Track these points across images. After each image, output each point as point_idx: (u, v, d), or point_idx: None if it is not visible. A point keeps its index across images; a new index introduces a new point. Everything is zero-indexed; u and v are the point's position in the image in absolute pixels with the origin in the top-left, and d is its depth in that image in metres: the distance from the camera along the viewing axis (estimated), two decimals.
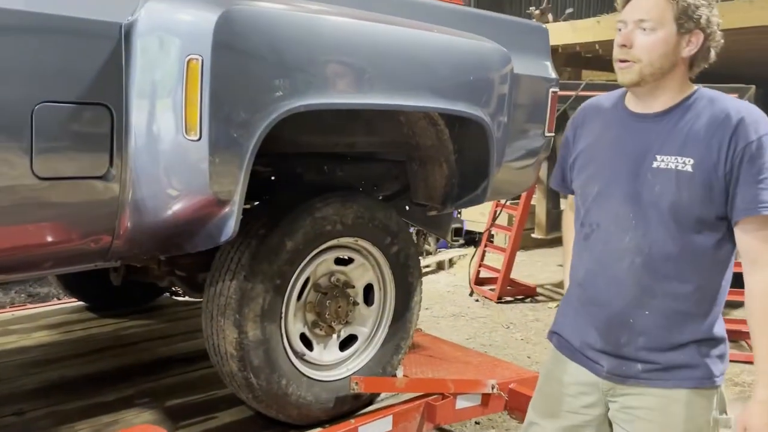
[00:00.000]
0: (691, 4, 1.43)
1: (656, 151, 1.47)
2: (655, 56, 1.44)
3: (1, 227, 1.55)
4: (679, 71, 1.48)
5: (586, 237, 1.60)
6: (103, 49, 1.60)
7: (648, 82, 1.47)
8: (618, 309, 1.52)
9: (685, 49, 1.45)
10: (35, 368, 2.69)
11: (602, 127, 1.60)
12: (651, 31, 1.44)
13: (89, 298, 3.47)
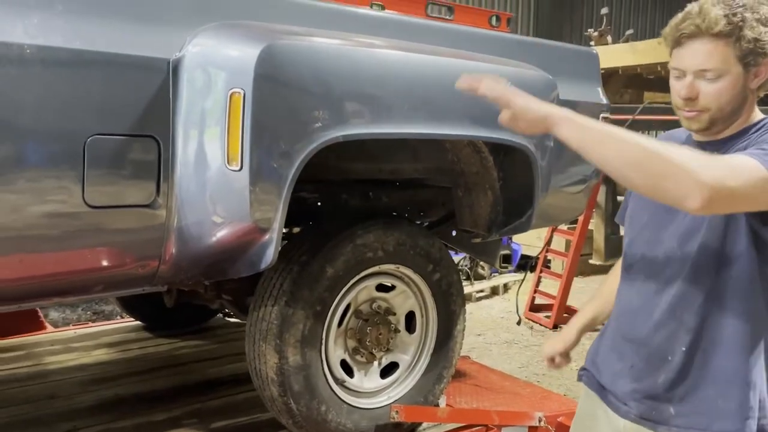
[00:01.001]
0: (754, 39, 1.29)
1: None
2: (724, 102, 1.34)
3: (55, 253, 1.64)
4: (748, 102, 1.38)
5: (629, 268, 1.52)
6: (152, 84, 1.68)
7: (719, 125, 1.38)
8: (655, 345, 1.43)
9: (753, 81, 1.34)
10: (92, 386, 2.80)
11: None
12: (716, 78, 1.32)
13: (146, 317, 3.59)
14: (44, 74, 1.53)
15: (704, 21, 1.28)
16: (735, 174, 1.16)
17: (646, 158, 1.16)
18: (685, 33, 1.30)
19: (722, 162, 1.20)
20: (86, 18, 1.59)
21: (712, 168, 1.15)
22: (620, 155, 1.17)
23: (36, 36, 1.50)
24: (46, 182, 1.57)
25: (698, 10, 1.30)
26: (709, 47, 1.30)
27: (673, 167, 1.14)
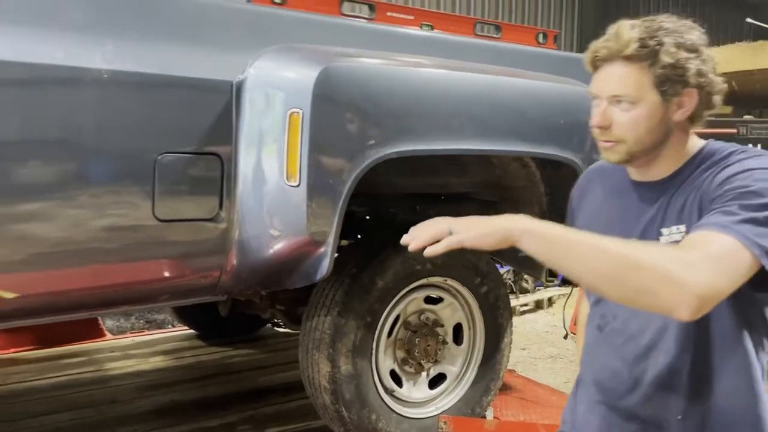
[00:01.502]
0: (670, 65, 1.17)
1: (659, 225, 1.23)
2: (641, 133, 1.21)
3: (127, 264, 1.74)
4: (676, 136, 1.24)
5: (600, 328, 1.33)
6: (217, 105, 1.78)
7: (640, 158, 1.24)
8: (646, 416, 1.26)
9: (677, 113, 1.21)
10: (150, 391, 2.93)
11: (603, 198, 1.36)
12: (629, 106, 1.20)
13: (199, 326, 3.72)
14: (118, 96, 1.65)
15: (617, 43, 1.17)
16: (720, 268, 1.02)
17: (620, 271, 1.03)
18: (599, 56, 1.19)
19: (701, 252, 1.03)
20: (157, 44, 1.70)
21: (695, 269, 1.00)
22: (591, 269, 1.04)
23: (112, 61, 1.62)
24: (119, 197, 1.69)
25: (614, 31, 1.19)
26: (623, 71, 1.18)
27: (652, 278, 1.01)
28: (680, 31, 1.19)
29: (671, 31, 1.18)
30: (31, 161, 1.57)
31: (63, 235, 1.62)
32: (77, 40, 1.59)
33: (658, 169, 1.26)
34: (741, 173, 1.12)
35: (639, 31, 1.17)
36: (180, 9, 1.77)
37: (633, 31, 1.17)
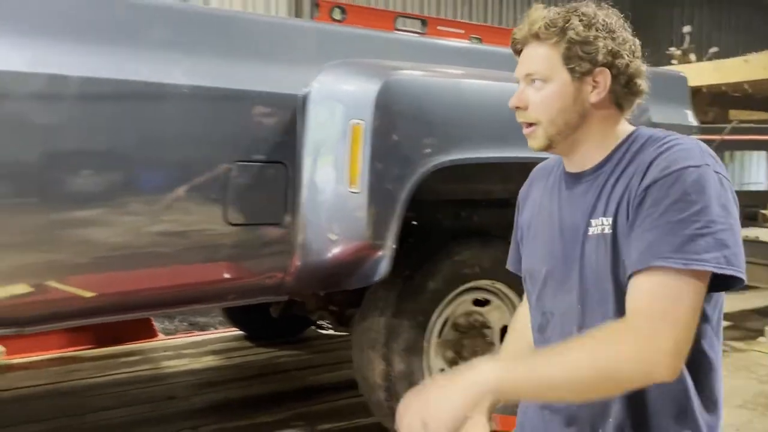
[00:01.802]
0: (578, 42, 1.16)
1: (589, 215, 1.20)
2: (554, 113, 1.19)
3: (199, 264, 1.87)
4: (595, 120, 1.21)
5: (542, 329, 1.30)
6: (284, 116, 1.90)
7: (560, 143, 1.22)
8: (583, 418, 1.21)
9: (591, 94, 1.18)
10: (204, 389, 3.06)
11: (543, 194, 1.33)
12: (542, 84, 1.19)
13: (247, 328, 3.85)
14: (196, 109, 1.78)
15: (528, 24, 1.19)
16: (677, 318, 1.01)
17: (596, 381, 1.02)
18: (516, 39, 1.21)
19: (653, 314, 1.01)
20: (230, 60, 1.83)
21: (656, 340, 1.00)
22: (571, 391, 1.05)
23: (192, 77, 1.75)
24: (194, 203, 1.82)
25: (527, 14, 1.21)
26: (535, 51, 1.19)
27: (627, 372, 1.01)
28: (592, 13, 1.18)
29: (583, 13, 1.18)
30: (116, 169, 1.71)
31: (143, 239, 1.75)
32: (161, 58, 1.72)
33: (585, 158, 1.23)
34: (668, 175, 1.07)
35: (549, 11, 1.18)
36: (250, 28, 1.90)
37: (543, 11, 1.18)
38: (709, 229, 1.03)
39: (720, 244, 1.03)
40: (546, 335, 1.26)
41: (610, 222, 1.14)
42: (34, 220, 1.59)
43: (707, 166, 1.08)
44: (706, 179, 1.06)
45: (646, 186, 1.08)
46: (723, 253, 1.02)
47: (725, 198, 1.07)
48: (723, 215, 1.05)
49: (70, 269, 1.68)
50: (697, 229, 1.02)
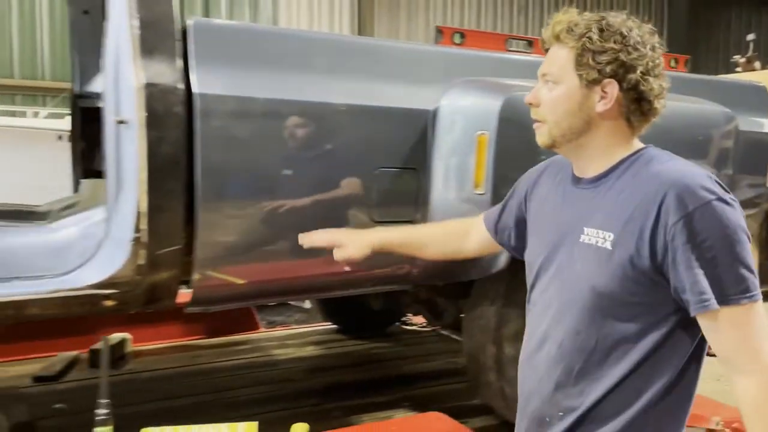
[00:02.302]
0: (590, 50, 1.16)
1: (584, 223, 1.22)
2: (559, 115, 1.21)
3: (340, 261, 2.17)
4: (602, 130, 1.21)
5: (528, 314, 1.39)
6: (417, 129, 2.20)
7: (562, 144, 1.24)
8: (535, 405, 1.29)
9: (598, 103, 1.19)
10: (314, 374, 3.38)
11: (549, 189, 1.37)
12: (554, 85, 1.21)
13: (341, 322, 4.16)
14: (348, 123, 2.09)
15: (552, 25, 1.22)
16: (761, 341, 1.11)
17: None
18: (544, 40, 1.24)
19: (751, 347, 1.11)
20: (375, 82, 2.14)
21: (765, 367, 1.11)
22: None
23: (347, 97, 2.06)
24: (346, 203, 2.12)
25: (556, 16, 1.23)
26: (554, 52, 1.21)
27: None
28: (616, 25, 1.17)
29: (608, 23, 1.18)
30: (291, 172, 2.02)
31: (293, 235, 2.06)
32: (322, 81, 2.04)
33: (588, 165, 1.25)
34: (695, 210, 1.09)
35: (578, 19, 1.19)
36: (391, 54, 2.20)
37: (571, 15, 1.20)
38: (739, 259, 1.09)
39: (747, 274, 1.10)
40: (528, 322, 1.37)
41: (611, 238, 1.15)
42: (238, 217, 1.93)
43: (721, 196, 1.11)
44: (723, 211, 1.10)
45: (673, 224, 1.09)
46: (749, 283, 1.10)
47: (741, 222, 1.12)
48: (742, 241, 1.10)
49: (253, 258, 2.01)
50: (740, 265, 1.09)
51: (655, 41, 1.20)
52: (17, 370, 3.25)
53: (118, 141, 1.81)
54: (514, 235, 1.49)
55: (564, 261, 1.24)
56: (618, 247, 1.15)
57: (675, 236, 1.10)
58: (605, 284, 1.17)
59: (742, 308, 1.10)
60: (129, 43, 1.77)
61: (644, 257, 1.12)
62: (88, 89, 3.36)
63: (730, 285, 1.10)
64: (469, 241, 1.63)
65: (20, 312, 1.73)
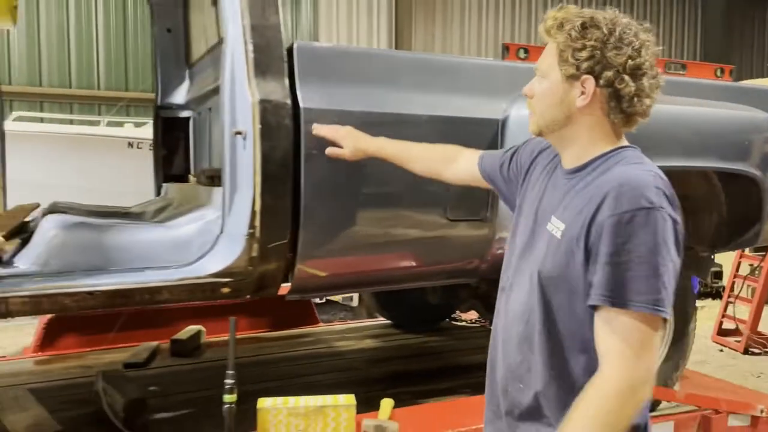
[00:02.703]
0: (569, 45, 1.21)
1: (553, 212, 1.30)
2: (544, 107, 1.28)
3: (429, 251, 2.41)
4: (582, 125, 1.26)
5: (501, 291, 1.46)
6: (489, 135, 2.42)
7: (548, 134, 1.32)
8: (500, 375, 1.39)
9: (578, 98, 1.23)
10: (377, 364, 3.62)
11: (540, 174, 1.43)
12: (542, 79, 1.28)
13: (395, 317, 4.40)
14: (429, 132, 2.31)
15: (545, 22, 1.27)
16: (647, 352, 1.16)
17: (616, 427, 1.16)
18: (540, 34, 1.31)
19: (631, 356, 1.15)
20: (452, 95, 2.38)
21: (641, 375, 1.15)
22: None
23: (428, 108, 2.30)
24: (425, 203, 2.36)
25: (550, 14, 1.29)
26: (547, 48, 1.27)
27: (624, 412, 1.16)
28: (601, 22, 1.20)
29: (592, 18, 1.20)
30: (375, 178, 2.27)
31: (399, 231, 2.31)
32: (406, 94, 2.29)
33: (569, 157, 1.30)
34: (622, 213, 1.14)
35: (569, 15, 1.24)
36: (465, 69, 2.44)
37: (562, 14, 1.25)
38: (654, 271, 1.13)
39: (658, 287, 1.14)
40: (500, 300, 1.44)
41: (561, 228, 1.24)
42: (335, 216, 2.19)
43: (661, 208, 1.15)
44: (656, 222, 1.14)
45: (601, 220, 1.16)
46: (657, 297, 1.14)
47: (670, 239, 1.16)
48: (665, 257, 1.14)
49: (346, 253, 2.27)
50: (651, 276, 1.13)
51: (645, 41, 1.22)
52: (107, 358, 3.56)
53: (234, 150, 2.08)
54: (505, 189, 1.62)
55: (534, 245, 1.33)
56: (564, 237, 1.23)
57: (602, 231, 1.16)
58: (551, 269, 1.25)
59: (640, 316, 1.13)
60: (244, 65, 2.04)
61: (580, 248, 1.20)
62: (169, 101, 3.66)
63: (637, 291, 1.13)
64: (453, 169, 1.78)
65: (153, 297, 2.01)
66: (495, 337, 1.44)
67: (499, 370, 1.40)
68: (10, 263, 1.95)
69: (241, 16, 2.03)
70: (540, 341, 1.29)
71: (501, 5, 12.80)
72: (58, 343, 3.65)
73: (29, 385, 2.99)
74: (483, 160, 1.70)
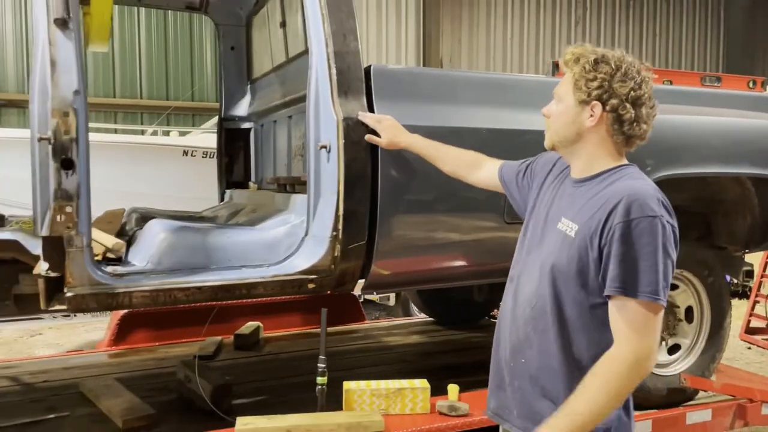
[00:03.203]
0: (582, 77, 1.48)
1: (564, 214, 1.56)
2: (558, 126, 1.55)
3: (487, 251, 2.64)
4: (590, 142, 1.52)
5: (510, 281, 1.72)
6: (540, 145, 2.65)
7: (560, 149, 1.59)
8: (507, 351, 1.65)
9: (587, 120, 1.50)
10: (425, 357, 3.86)
11: (551, 182, 1.70)
12: (558, 102, 1.56)
13: (437, 314, 4.64)
14: (488, 143, 2.54)
15: (564, 56, 1.56)
16: (649, 332, 1.42)
17: (622, 393, 1.44)
18: (559, 65, 1.61)
19: (637, 337, 1.41)
20: (509, 110, 2.61)
21: (645, 354, 1.41)
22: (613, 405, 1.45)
23: (487, 122, 2.54)
24: (484, 207, 2.59)
25: (569, 50, 1.57)
26: (565, 77, 1.55)
27: (630, 380, 1.43)
28: (609, 59, 1.48)
29: (603, 56, 1.48)
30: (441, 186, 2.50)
31: (460, 234, 2.55)
32: (468, 110, 2.53)
33: (578, 169, 1.58)
34: (632, 220, 1.40)
35: (585, 51, 1.53)
36: (520, 86, 2.68)
37: (582, 48, 1.54)
38: (655, 268, 1.40)
39: (658, 280, 1.40)
40: (508, 287, 1.72)
41: (575, 228, 1.49)
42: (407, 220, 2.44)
43: (662, 216, 1.43)
44: (657, 228, 1.41)
45: (614, 224, 1.41)
46: (657, 288, 1.41)
47: (669, 242, 1.43)
48: (665, 256, 1.41)
49: (417, 253, 2.51)
50: (655, 272, 1.40)
51: (645, 77, 1.51)
52: (177, 351, 3.84)
53: (318, 161, 2.34)
54: (518, 196, 1.91)
55: (544, 241, 1.59)
56: (578, 236, 1.49)
57: (614, 234, 1.42)
58: (564, 262, 1.50)
59: (644, 304, 1.41)
60: (329, 87, 2.30)
61: (594, 246, 1.46)
62: (231, 113, 3.95)
63: (643, 284, 1.41)
64: (476, 174, 2.08)
65: (250, 291, 2.27)
66: (502, 319, 1.71)
67: (505, 347, 1.65)
68: (126, 262, 2.23)
69: (325, 43, 2.29)
70: (549, 323, 1.54)
71: (526, 11, 13.00)
72: (130, 337, 3.95)
73: (113, 375, 3.27)
74: (502, 169, 1.99)
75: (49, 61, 1.85)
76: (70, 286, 1.95)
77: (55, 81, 1.86)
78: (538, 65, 12.96)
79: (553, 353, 1.54)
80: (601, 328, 1.50)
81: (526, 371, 1.59)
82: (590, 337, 1.51)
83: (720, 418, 3.05)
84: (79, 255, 1.93)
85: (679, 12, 14.34)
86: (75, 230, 1.90)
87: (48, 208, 1.88)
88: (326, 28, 2.30)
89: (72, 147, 1.87)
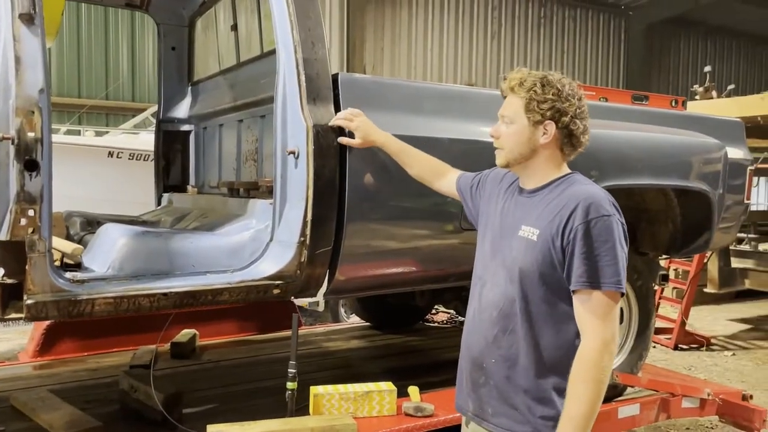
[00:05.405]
0: (533, 100, 1.62)
1: (523, 222, 1.68)
2: (513, 145, 1.68)
3: (444, 256, 2.72)
4: (542, 156, 1.67)
5: (474, 286, 1.85)
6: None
7: (514, 165, 1.72)
8: (477, 353, 1.75)
9: (542, 137, 1.65)
10: (371, 360, 3.89)
11: (501, 192, 1.83)
12: (509, 124, 1.69)
13: (373, 319, 4.69)
14: (448, 152, 2.60)
15: (509, 81, 1.71)
16: (610, 321, 1.58)
17: (603, 378, 1.58)
18: (502, 89, 1.75)
19: (601, 324, 1.57)
20: (467, 121, 2.71)
21: (608, 346, 1.57)
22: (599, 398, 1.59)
23: (447, 132, 2.63)
24: (443, 215, 2.67)
25: (511, 75, 1.72)
26: (510, 100, 1.70)
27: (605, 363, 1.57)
28: (554, 81, 1.64)
29: (547, 80, 1.64)
30: (404, 193, 2.55)
31: (409, 240, 2.61)
32: (429, 120, 2.61)
33: (531, 180, 1.72)
34: (591, 219, 1.57)
35: (526, 76, 1.68)
36: (478, 99, 2.79)
37: (521, 73, 1.69)
38: (615, 261, 1.57)
39: (618, 271, 1.58)
40: (474, 293, 1.83)
41: (536, 233, 1.63)
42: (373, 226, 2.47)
43: (615, 215, 1.60)
44: (612, 226, 1.59)
45: (575, 226, 1.56)
46: (618, 278, 1.59)
47: (622, 238, 1.61)
48: (620, 250, 1.59)
49: (381, 258, 2.55)
50: (615, 264, 1.57)
51: (581, 94, 1.71)
52: (108, 361, 3.67)
53: (285, 167, 2.34)
54: (471, 205, 2.05)
55: (506, 248, 1.72)
56: (540, 239, 1.63)
57: (576, 234, 1.58)
58: (529, 266, 1.64)
59: (608, 294, 1.58)
60: (297, 93, 2.30)
61: (557, 247, 1.61)
62: (170, 115, 3.83)
63: (606, 276, 1.57)
64: (440, 181, 2.21)
65: (215, 298, 2.22)
66: (468, 323, 1.82)
67: (473, 349, 1.76)
68: (85, 268, 2.13)
69: (294, 50, 2.29)
70: (517, 323, 1.66)
71: (445, 24, 13.38)
72: (56, 348, 3.73)
73: (45, 387, 3.08)
74: (460, 180, 2.14)
75: (14, 58, 1.75)
76: (31, 293, 1.84)
77: (20, 78, 1.76)
78: (456, 76, 13.37)
79: (523, 350, 1.66)
80: (564, 320, 1.65)
81: (497, 371, 1.70)
82: (555, 330, 1.66)
83: (647, 412, 3.29)
84: (41, 260, 1.82)
85: (585, 32, 15.30)
86: (38, 234, 1.80)
87: (8, 211, 1.77)
88: (295, 35, 2.30)
89: (36, 147, 1.78)
